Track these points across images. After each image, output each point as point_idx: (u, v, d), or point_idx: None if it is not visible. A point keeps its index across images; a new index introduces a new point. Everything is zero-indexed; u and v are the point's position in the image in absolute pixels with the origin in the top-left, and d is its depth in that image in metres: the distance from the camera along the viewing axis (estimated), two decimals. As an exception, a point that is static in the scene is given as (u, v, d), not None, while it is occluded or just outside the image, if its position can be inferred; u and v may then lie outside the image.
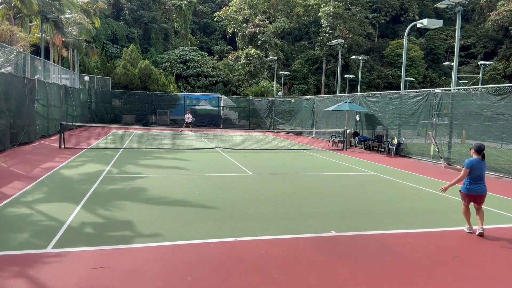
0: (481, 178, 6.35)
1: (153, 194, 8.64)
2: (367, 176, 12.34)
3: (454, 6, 17.62)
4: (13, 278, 4.41)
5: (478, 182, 6.33)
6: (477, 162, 6.34)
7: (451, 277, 4.87)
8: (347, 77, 51.42)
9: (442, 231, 6.74)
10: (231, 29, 59.81)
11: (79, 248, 5.32)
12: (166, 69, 44.88)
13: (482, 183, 6.36)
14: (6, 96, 14.65)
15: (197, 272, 4.72)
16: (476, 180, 6.31)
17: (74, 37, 32.34)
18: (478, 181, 6.32)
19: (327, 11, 55.16)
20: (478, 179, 6.32)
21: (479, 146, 6.45)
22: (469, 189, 6.35)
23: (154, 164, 13.20)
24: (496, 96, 13.30)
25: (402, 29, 60.39)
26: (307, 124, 28.39)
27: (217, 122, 36.63)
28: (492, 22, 58.84)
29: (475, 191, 6.32)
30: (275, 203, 8.25)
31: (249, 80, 50.40)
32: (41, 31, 23.74)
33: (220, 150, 17.56)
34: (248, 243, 5.79)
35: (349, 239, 6.12)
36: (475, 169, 6.30)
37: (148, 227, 6.33)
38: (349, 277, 4.77)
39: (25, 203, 7.58)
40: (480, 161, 6.37)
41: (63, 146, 16.30)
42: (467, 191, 6.37)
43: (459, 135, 15.52)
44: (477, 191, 6.32)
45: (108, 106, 34.24)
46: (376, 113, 20.05)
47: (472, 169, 6.30)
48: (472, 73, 56.49)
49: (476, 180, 6.31)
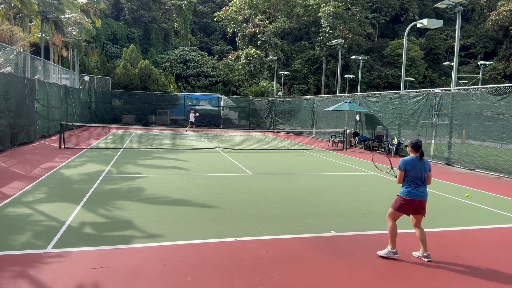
0: (421, 181, 5.33)
1: (153, 194, 8.64)
2: (367, 176, 12.34)
3: (454, 6, 17.63)
4: (13, 278, 4.41)
5: (419, 186, 5.31)
6: (412, 161, 5.35)
7: (451, 277, 4.87)
8: (347, 77, 51.42)
9: (442, 231, 6.74)
10: (231, 29, 59.81)
11: (79, 248, 5.32)
12: (166, 69, 44.88)
13: (423, 186, 5.35)
14: (6, 96, 14.65)
15: (197, 272, 4.72)
16: (416, 184, 5.30)
17: (74, 37, 32.34)
18: (419, 184, 5.31)
19: (327, 11, 55.17)
20: (419, 182, 5.31)
21: (416, 143, 5.40)
22: (411, 193, 5.28)
23: (154, 164, 13.20)
24: (496, 96, 13.30)
25: (402, 29, 60.40)
26: (307, 124, 28.39)
27: (217, 122, 36.64)
28: (492, 22, 58.83)
29: (417, 196, 5.28)
30: (275, 203, 8.25)
31: (249, 80, 50.40)
32: (41, 31, 23.74)
33: (220, 150, 17.55)
34: (248, 243, 5.79)
35: (349, 239, 6.11)
36: (411, 169, 5.31)
37: (148, 227, 6.33)
38: (349, 277, 4.77)
39: (25, 203, 7.58)
40: (417, 160, 5.36)
41: (63, 146, 16.30)
42: (409, 195, 5.28)
43: (459, 135, 15.52)
44: (421, 196, 5.30)
45: (108, 106, 34.24)
46: (376, 113, 20.05)
47: (407, 170, 5.33)
48: (472, 73, 56.48)
49: (417, 183, 5.30)
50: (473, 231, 6.87)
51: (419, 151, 5.39)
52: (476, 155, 13.92)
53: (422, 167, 5.34)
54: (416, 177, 5.30)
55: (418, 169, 5.32)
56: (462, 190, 10.36)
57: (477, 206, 8.68)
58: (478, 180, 12.13)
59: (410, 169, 5.32)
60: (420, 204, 5.35)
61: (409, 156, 5.46)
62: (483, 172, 13.44)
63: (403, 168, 5.35)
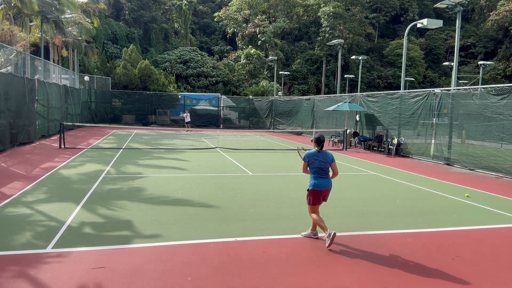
0: (323, 171, 5.91)
1: (153, 194, 8.64)
2: (367, 176, 12.34)
3: (454, 6, 17.62)
4: (13, 278, 4.41)
5: (322, 176, 5.91)
6: (313, 154, 5.96)
7: (451, 277, 4.87)
8: (347, 77, 51.42)
9: (442, 231, 6.74)
10: (231, 29, 59.81)
11: (79, 248, 5.32)
12: (166, 69, 44.88)
13: (325, 176, 5.94)
14: (6, 96, 14.65)
15: (197, 272, 4.72)
16: (320, 174, 5.90)
17: (74, 37, 32.34)
18: (322, 174, 5.91)
19: (327, 11, 55.18)
20: (321, 172, 5.90)
21: (318, 138, 6.03)
22: (316, 185, 5.89)
23: (154, 164, 13.20)
24: (496, 96, 13.30)
25: (402, 29, 60.39)
26: (307, 124, 28.39)
27: (217, 122, 36.64)
28: (492, 22, 58.82)
29: (322, 186, 5.89)
30: (275, 203, 8.25)
31: (249, 80, 50.40)
32: (41, 31, 23.74)
33: (220, 150, 17.55)
34: (248, 243, 5.79)
35: (349, 239, 6.11)
36: (313, 161, 5.91)
37: (148, 227, 6.33)
38: (349, 277, 4.77)
39: (25, 203, 7.58)
40: (316, 153, 5.95)
41: (63, 146, 16.30)
42: (316, 187, 5.89)
43: (459, 135, 15.52)
44: (325, 186, 5.91)
45: (108, 106, 34.25)
46: (376, 113, 20.04)
47: (310, 162, 5.95)
48: (472, 73, 56.48)
49: (320, 173, 5.90)
50: (473, 231, 6.87)
51: (320, 144, 5.99)
52: (476, 155, 13.92)
53: (321, 158, 5.93)
54: (316, 167, 5.91)
55: (318, 160, 5.92)
56: (462, 190, 10.35)
57: (477, 206, 8.67)
58: (478, 180, 12.13)
59: (312, 162, 5.93)
60: (327, 192, 6.03)
61: (311, 150, 6.08)
62: (483, 172, 13.44)
63: (306, 160, 6.00)
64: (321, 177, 5.90)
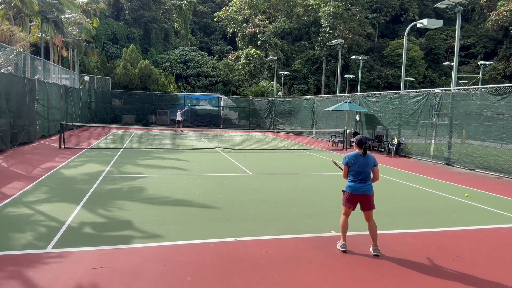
0: (363, 175, 5.46)
1: (153, 194, 8.64)
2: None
3: (454, 6, 17.62)
4: (13, 278, 4.41)
5: (362, 181, 5.47)
6: (354, 156, 5.50)
7: (451, 277, 4.87)
8: (347, 77, 51.42)
9: (442, 231, 6.74)
10: (231, 29, 59.82)
11: (79, 248, 5.32)
12: (166, 69, 44.88)
13: (366, 182, 5.49)
14: (6, 96, 14.65)
15: (197, 272, 4.72)
16: (359, 178, 5.46)
17: (74, 37, 32.34)
18: (361, 179, 5.47)
19: (327, 11, 55.18)
20: (361, 176, 5.46)
21: (360, 139, 5.56)
22: (352, 188, 5.48)
23: (154, 164, 13.20)
24: (496, 96, 13.30)
25: (402, 29, 60.38)
26: (307, 124, 28.39)
27: (217, 122, 36.64)
28: (492, 22, 58.81)
29: (357, 190, 5.45)
30: (275, 203, 8.25)
31: (249, 80, 50.40)
32: (41, 31, 23.74)
33: (220, 150, 17.55)
34: (248, 243, 5.78)
35: (349, 239, 6.11)
36: (353, 164, 5.48)
37: (148, 227, 6.33)
38: (349, 277, 4.77)
39: (25, 203, 7.58)
40: (358, 156, 5.49)
41: (63, 146, 16.30)
42: (350, 190, 5.49)
43: (459, 135, 15.52)
44: (361, 191, 5.45)
45: (108, 106, 34.24)
46: (376, 113, 20.04)
47: (350, 164, 5.52)
48: (472, 73, 56.48)
49: (359, 178, 5.46)
50: (473, 231, 6.87)
51: (363, 147, 5.52)
52: (476, 155, 13.91)
53: (364, 162, 5.47)
54: (357, 171, 5.47)
55: (360, 164, 5.46)
56: (462, 190, 10.35)
57: (477, 206, 8.68)
58: (478, 180, 12.13)
59: (352, 164, 5.50)
60: (365, 198, 5.50)
61: (352, 152, 5.64)
62: (483, 172, 13.44)
63: (345, 163, 5.58)
64: (358, 181, 5.47)
